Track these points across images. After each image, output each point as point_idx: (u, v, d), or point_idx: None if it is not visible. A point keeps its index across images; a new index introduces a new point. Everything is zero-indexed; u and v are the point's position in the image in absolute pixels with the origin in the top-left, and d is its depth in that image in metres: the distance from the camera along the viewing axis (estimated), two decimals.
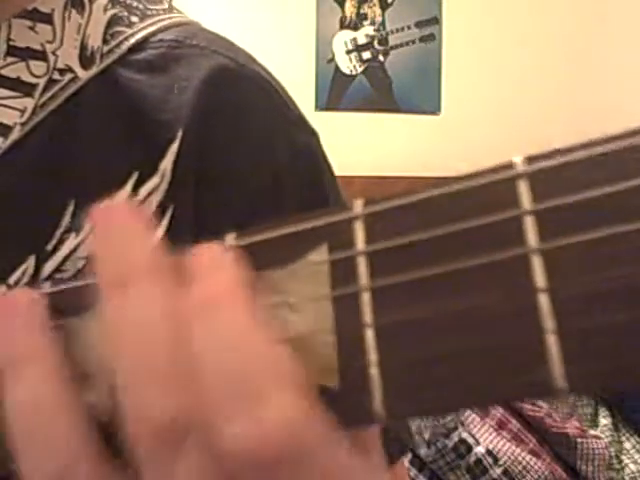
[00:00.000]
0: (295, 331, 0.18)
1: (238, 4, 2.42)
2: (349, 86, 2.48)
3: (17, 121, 0.36)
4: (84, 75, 0.38)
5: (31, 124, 0.37)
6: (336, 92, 2.47)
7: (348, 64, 2.47)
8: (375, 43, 2.47)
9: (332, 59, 2.47)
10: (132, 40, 0.39)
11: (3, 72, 0.37)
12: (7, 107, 0.36)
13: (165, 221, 0.37)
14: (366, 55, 2.47)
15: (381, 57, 2.48)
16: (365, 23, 2.47)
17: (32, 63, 0.37)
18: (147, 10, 0.42)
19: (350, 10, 2.46)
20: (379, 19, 2.47)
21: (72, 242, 0.36)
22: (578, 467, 1.52)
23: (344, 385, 0.17)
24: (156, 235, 0.19)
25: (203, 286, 0.18)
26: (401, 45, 2.48)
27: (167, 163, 0.37)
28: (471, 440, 1.47)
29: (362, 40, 2.47)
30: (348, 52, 2.47)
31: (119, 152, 0.37)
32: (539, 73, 2.45)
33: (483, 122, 2.44)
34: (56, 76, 0.38)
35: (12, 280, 0.35)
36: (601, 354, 0.14)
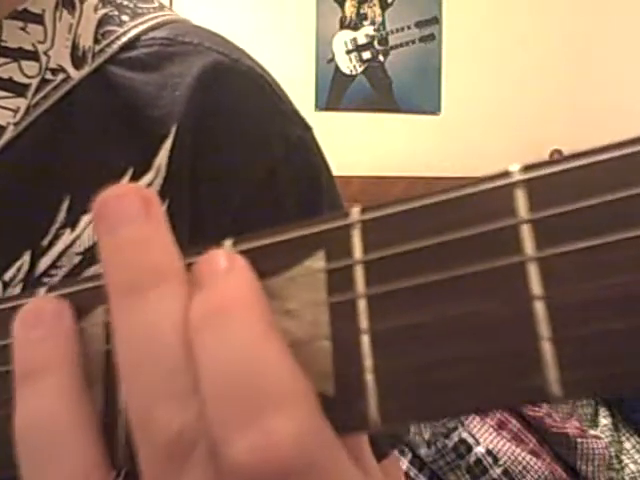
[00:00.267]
0: (292, 338, 0.17)
1: (238, 4, 2.42)
2: (349, 86, 2.48)
3: (10, 121, 0.37)
4: (76, 75, 0.38)
5: (24, 124, 0.37)
6: (336, 92, 2.47)
7: (348, 64, 2.47)
8: (375, 43, 2.47)
9: (332, 59, 2.47)
10: (124, 39, 0.39)
11: None
12: (0, 107, 0.37)
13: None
14: (366, 55, 2.47)
15: (381, 57, 2.48)
16: (365, 23, 2.47)
17: (24, 63, 0.37)
18: (138, 9, 0.42)
19: (350, 10, 2.46)
20: (379, 19, 2.47)
21: (67, 238, 0.36)
22: (578, 467, 1.52)
23: (339, 391, 0.17)
24: (169, 232, 0.18)
25: (214, 293, 0.17)
26: (401, 45, 2.48)
27: (161, 159, 0.37)
28: (471, 440, 1.47)
29: (362, 40, 2.47)
30: (348, 52, 2.47)
31: (114, 149, 0.37)
32: (539, 73, 2.45)
33: (483, 122, 2.44)
34: (48, 76, 0.38)
35: (7, 276, 0.35)
36: (596, 361, 0.14)
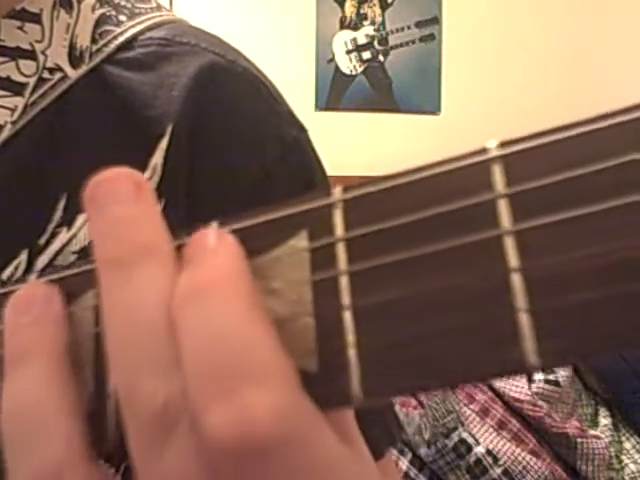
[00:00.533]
0: (276, 315, 0.18)
1: (238, 4, 2.42)
2: (349, 86, 2.48)
3: (8, 120, 0.37)
4: (73, 74, 0.38)
5: (22, 123, 0.37)
6: (336, 92, 2.47)
7: (348, 64, 2.47)
8: (375, 43, 2.47)
9: (332, 59, 2.47)
10: (121, 39, 0.40)
11: None
12: None
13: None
14: (366, 55, 2.47)
15: (381, 57, 2.48)
16: (365, 23, 2.47)
17: (22, 62, 0.38)
18: (135, 9, 0.42)
19: (350, 10, 2.46)
20: (379, 19, 2.47)
21: (64, 236, 0.36)
22: (578, 467, 1.52)
23: (322, 367, 0.17)
24: (158, 212, 0.19)
25: (201, 269, 0.17)
26: (401, 45, 2.48)
27: (157, 158, 0.38)
28: (471, 440, 1.47)
29: (362, 40, 2.47)
30: (348, 52, 2.47)
31: (110, 148, 0.38)
32: (539, 73, 2.45)
33: (483, 122, 2.44)
34: (46, 75, 0.38)
35: (5, 275, 0.35)
36: (572, 331, 0.15)
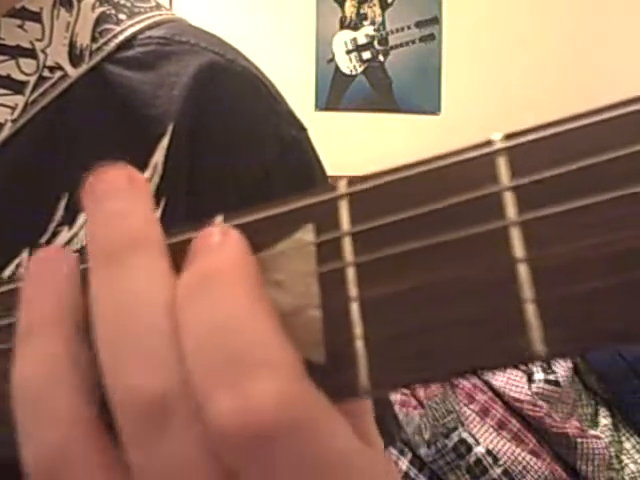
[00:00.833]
0: (283, 308, 0.18)
1: (238, 4, 2.42)
2: (349, 86, 2.48)
3: (8, 118, 0.37)
4: (74, 73, 0.38)
5: (22, 121, 0.37)
6: (336, 92, 2.47)
7: (348, 64, 2.47)
8: (375, 43, 2.47)
9: (332, 59, 2.47)
10: (121, 37, 0.40)
11: None
12: None
13: (158, 213, 0.37)
14: (366, 55, 2.47)
15: (381, 57, 2.48)
16: (365, 23, 2.47)
17: (22, 61, 0.38)
18: (134, 7, 0.42)
19: (350, 10, 2.46)
20: (379, 19, 2.47)
21: (65, 235, 0.36)
22: (578, 467, 1.52)
23: (330, 359, 0.17)
24: (151, 206, 0.19)
25: (205, 263, 0.17)
26: (401, 45, 2.48)
27: (158, 157, 0.38)
28: (471, 440, 1.47)
29: (362, 40, 2.47)
30: (348, 52, 2.47)
31: (110, 147, 0.38)
32: (539, 73, 2.45)
33: (483, 122, 2.44)
34: (46, 74, 0.38)
35: (6, 274, 0.35)
36: (578, 320, 0.15)
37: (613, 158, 0.15)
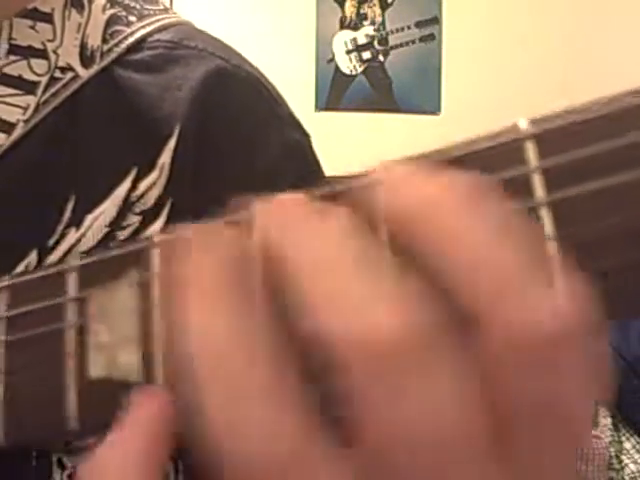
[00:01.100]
0: None
1: (238, 5, 2.42)
2: (349, 86, 2.48)
3: (20, 118, 0.37)
4: (85, 74, 0.39)
5: (34, 121, 0.37)
6: (336, 92, 2.47)
7: (348, 64, 2.47)
8: (375, 43, 2.48)
9: (332, 59, 2.47)
10: (131, 39, 0.40)
11: (5, 70, 0.38)
12: (10, 105, 0.37)
13: (164, 214, 0.38)
14: (366, 55, 2.47)
15: (381, 57, 2.48)
16: (365, 23, 2.47)
17: (33, 61, 0.38)
18: (144, 10, 0.42)
19: (350, 10, 2.46)
20: (379, 19, 2.47)
21: (73, 236, 0.36)
22: (578, 467, 1.51)
23: None
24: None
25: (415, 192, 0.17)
26: (401, 45, 2.48)
27: (165, 158, 0.38)
28: None
29: (362, 40, 2.47)
30: (348, 52, 2.47)
31: (119, 148, 0.38)
32: (539, 73, 2.45)
33: (483, 122, 2.44)
34: (57, 74, 0.38)
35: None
36: (607, 293, 0.15)
37: (631, 142, 0.16)
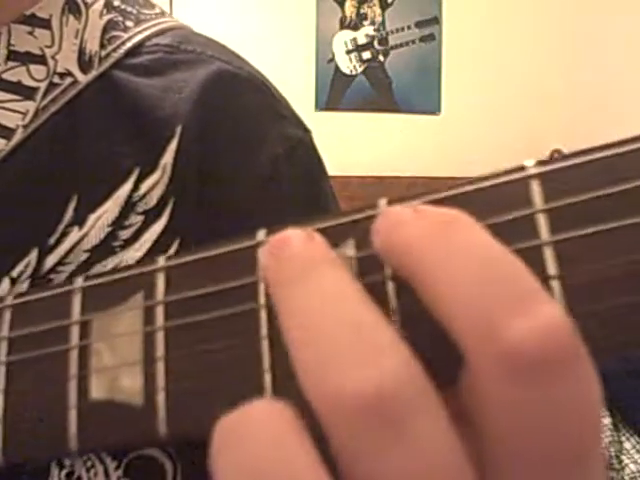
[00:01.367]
0: None
1: (238, 5, 2.42)
2: (349, 86, 2.48)
3: (19, 123, 0.37)
4: (83, 79, 0.39)
5: (33, 126, 0.38)
6: (336, 92, 2.47)
7: (348, 64, 2.47)
8: (375, 43, 2.48)
9: (332, 59, 2.47)
10: (129, 44, 0.40)
11: (4, 76, 0.38)
12: (9, 110, 0.38)
13: (166, 214, 0.38)
14: (366, 55, 2.47)
15: (381, 57, 2.48)
16: (365, 23, 2.47)
17: (32, 67, 0.38)
18: (141, 15, 0.43)
19: (350, 10, 2.47)
20: (379, 19, 2.47)
21: (75, 235, 0.37)
22: None
23: None
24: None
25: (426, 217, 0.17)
26: (401, 45, 2.48)
27: (167, 159, 0.38)
28: None
29: (362, 40, 2.47)
30: (348, 52, 2.47)
31: (120, 149, 0.39)
32: (539, 73, 2.45)
33: (483, 122, 2.45)
34: (56, 80, 0.39)
35: (15, 273, 0.36)
36: (608, 332, 0.16)
37: (634, 187, 0.16)
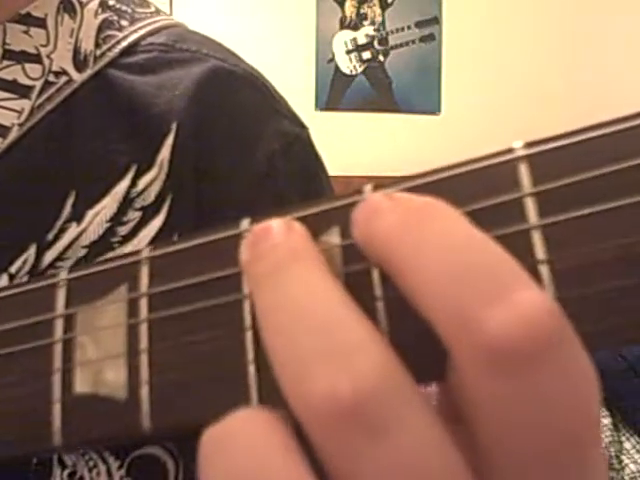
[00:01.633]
0: None
1: (238, 5, 2.42)
2: (349, 86, 2.48)
3: (15, 122, 0.38)
4: (78, 78, 0.39)
5: (29, 125, 0.38)
6: (336, 92, 2.47)
7: (348, 64, 2.47)
8: (375, 43, 2.48)
9: (332, 59, 2.47)
10: (124, 43, 0.41)
11: (0, 75, 0.38)
12: (5, 108, 0.38)
13: (164, 210, 0.38)
14: (366, 55, 2.47)
15: (381, 57, 2.48)
16: (365, 23, 2.47)
17: (28, 66, 0.39)
18: (135, 14, 0.43)
19: (350, 10, 2.47)
20: (379, 19, 2.47)
21: (73, 231, 0.37)
22: None
23: None
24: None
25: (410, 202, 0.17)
26: (401, 45, 2.48)
27: (164, 155, 0.39)
28: None
29: (362, 40, 2.47)
30: (348, 52, 2.47)
31: (117, 146, 0.39)
32: (539, 73, 2.45)
33: (483, 122, 2.45)
34: (51, 78, 0.39)
35: (14, 269, 0.36)
36: (597, 317, 0.16)
37: (626, 167, 0.16)
